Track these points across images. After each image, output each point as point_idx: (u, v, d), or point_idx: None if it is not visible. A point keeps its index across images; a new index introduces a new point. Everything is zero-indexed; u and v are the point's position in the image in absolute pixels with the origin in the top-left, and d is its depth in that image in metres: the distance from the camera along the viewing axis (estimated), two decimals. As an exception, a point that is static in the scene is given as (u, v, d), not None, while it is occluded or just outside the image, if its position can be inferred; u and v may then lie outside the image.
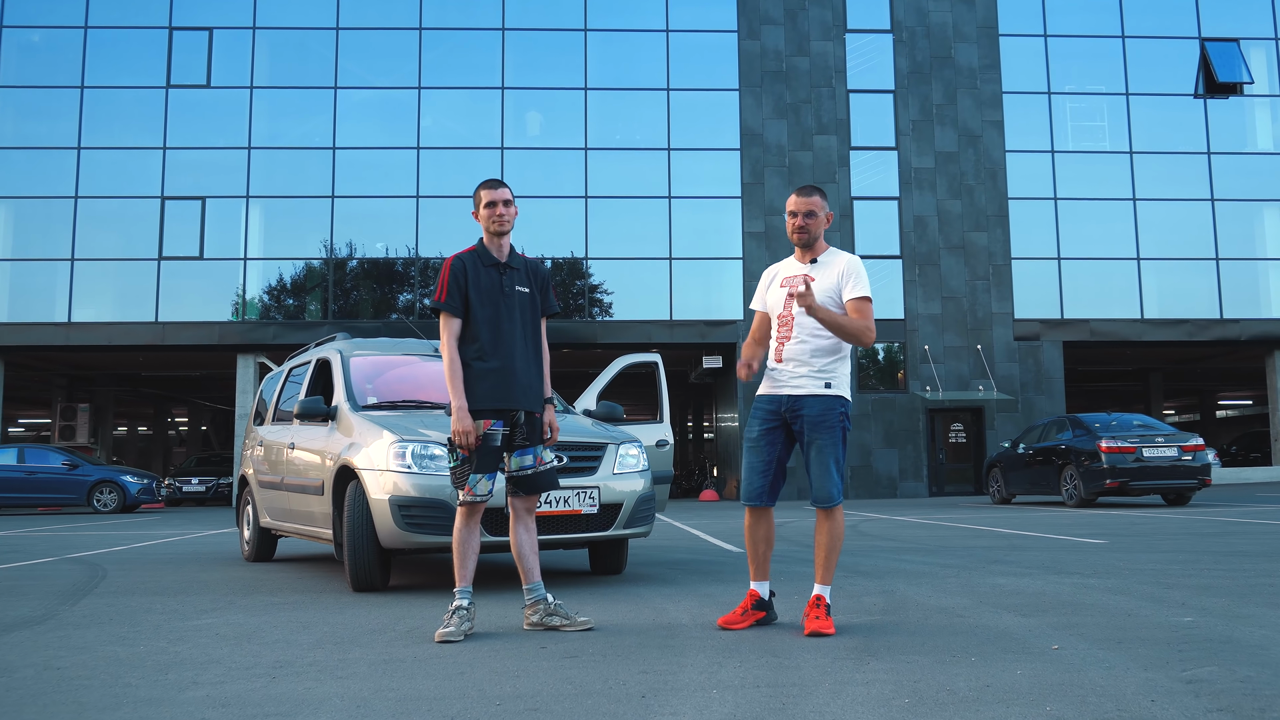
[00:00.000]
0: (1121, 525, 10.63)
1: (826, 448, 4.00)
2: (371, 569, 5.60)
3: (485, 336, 4.20)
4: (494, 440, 4.18)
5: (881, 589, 5.38)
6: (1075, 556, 7.02)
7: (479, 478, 4.15)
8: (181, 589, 6.01)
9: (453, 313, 4.22)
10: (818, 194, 4.19)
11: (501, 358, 4.19)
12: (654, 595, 5.34)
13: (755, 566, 4.23)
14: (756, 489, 4.17)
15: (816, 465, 4.03)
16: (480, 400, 4.16)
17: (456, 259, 4.30)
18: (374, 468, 5.53)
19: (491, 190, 4.31)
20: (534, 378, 4.28)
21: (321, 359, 7.14)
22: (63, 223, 24.20)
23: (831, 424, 4.01)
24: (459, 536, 4.19)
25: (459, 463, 4.18)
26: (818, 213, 4.16)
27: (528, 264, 4.42)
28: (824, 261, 4.18)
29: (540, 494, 4.36)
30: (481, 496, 4.17)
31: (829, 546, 4.04)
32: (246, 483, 8.24)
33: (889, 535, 9.84)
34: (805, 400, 4.06)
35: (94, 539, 11.39)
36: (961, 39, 25.53)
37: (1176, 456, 15.03)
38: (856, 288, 4.08)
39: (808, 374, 4.06)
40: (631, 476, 5.92)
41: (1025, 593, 5.08)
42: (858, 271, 4.10)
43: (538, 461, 4.29)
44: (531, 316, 4.32)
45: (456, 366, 4.18)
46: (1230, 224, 25.54)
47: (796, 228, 4.16)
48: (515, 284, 4.30)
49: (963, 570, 6.23)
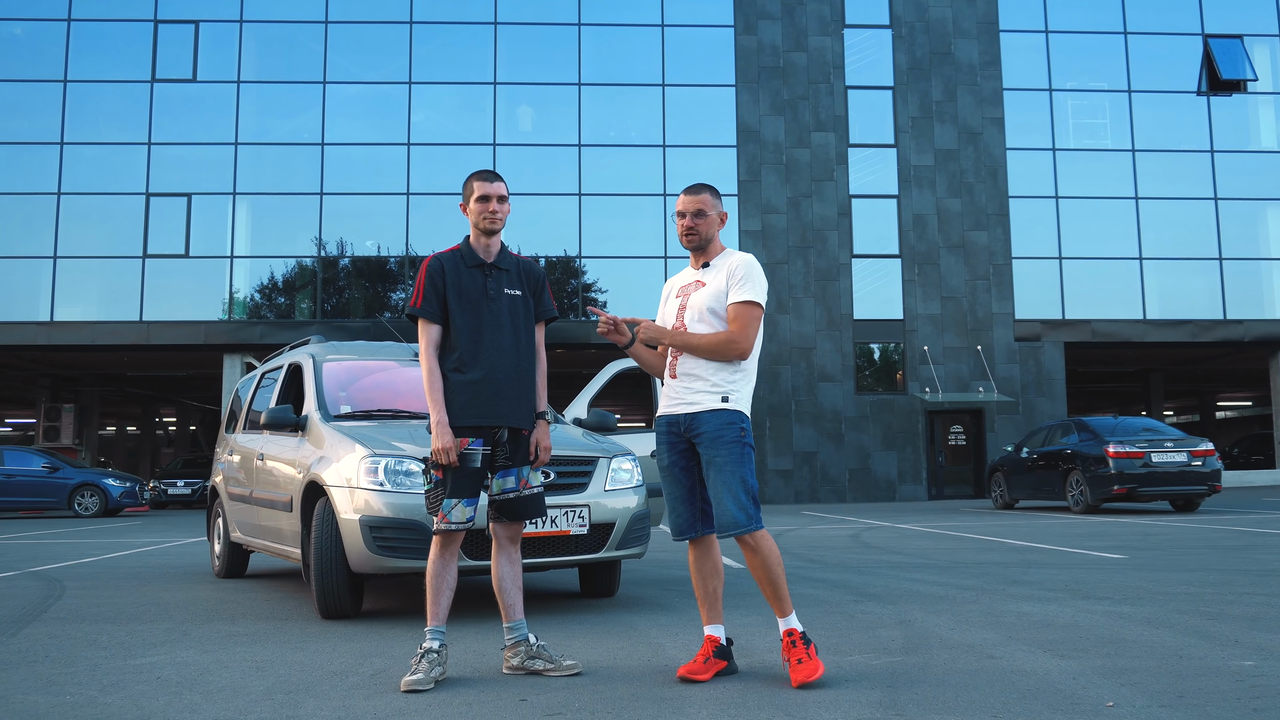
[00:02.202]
0: (1135, 535, 10.20)
1: (726, 465, 3.53)
2: (340, 595, 5.14)
3: (465, 345, 3.75)
4: (473, 461, 3.71)
5: (897, 618, 4.93)
6: (1098, 576, 6.58)
7: (455, 503, 3.69)
8: (136, 614, 5.55)
9: (430, 319, 3.78)
10: (707, 191, 3.76)
11: (484, 368, 3.73)
12: (648, 626, 4.88)
13: (706, 607, 3.72)
14: (684, 521, 3.70)
15: (716, 486, 3.55)
16: (457, 415, 3.70)
17: (434, 259, 3.84)
18: (344, 484, 5.07)
19: (486, 183, 3.86)
20: (523, 390, 3.82)
21: (294, 364, 6.67)
22: (45, 220, 23.68)
23: (730, 439, 3.55)
24: (433, 569, 3.73)
25: (433, 485, 3.73)
26: (708, 212, 3.74)
27: (520, 265, 3.96)
28: (715, 264, 3.75)
29: (525, 521, 3.89)
30: (458, 525, 3.70)
31: (767, 578, 3.54)
32: (217, 494, 7.78)
33: (894, 547, 9.40)
34: (701, 417, 3.61)
35: (65, 549, 10.90)
36: (961, 34, 25.11)
37: (1186, 462, 14.62)
38: (740, 290, 3.64)
39: (704, 389, 3.62)
40: (625, 493, 5.47)
41: (1056, 624, 4.64)
42: (747, 272, 3.66)
43: (522, 485, 3.82)
44: (523, 322, 3.87)
45: (435, 377, 3.74)
46: (1234, 223, 25.17)
47: (685, 230, 3.74)
48: (503, 286, 3.85)
49: (982, 594, 5.78)
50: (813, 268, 23.96)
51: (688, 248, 3.78)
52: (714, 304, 3.66)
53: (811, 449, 23.39)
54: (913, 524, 13.24)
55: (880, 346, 24.40)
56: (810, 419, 23.49)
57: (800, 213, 24.17)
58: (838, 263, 24.03)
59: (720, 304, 3.65)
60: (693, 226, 3.73)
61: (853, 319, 23.95)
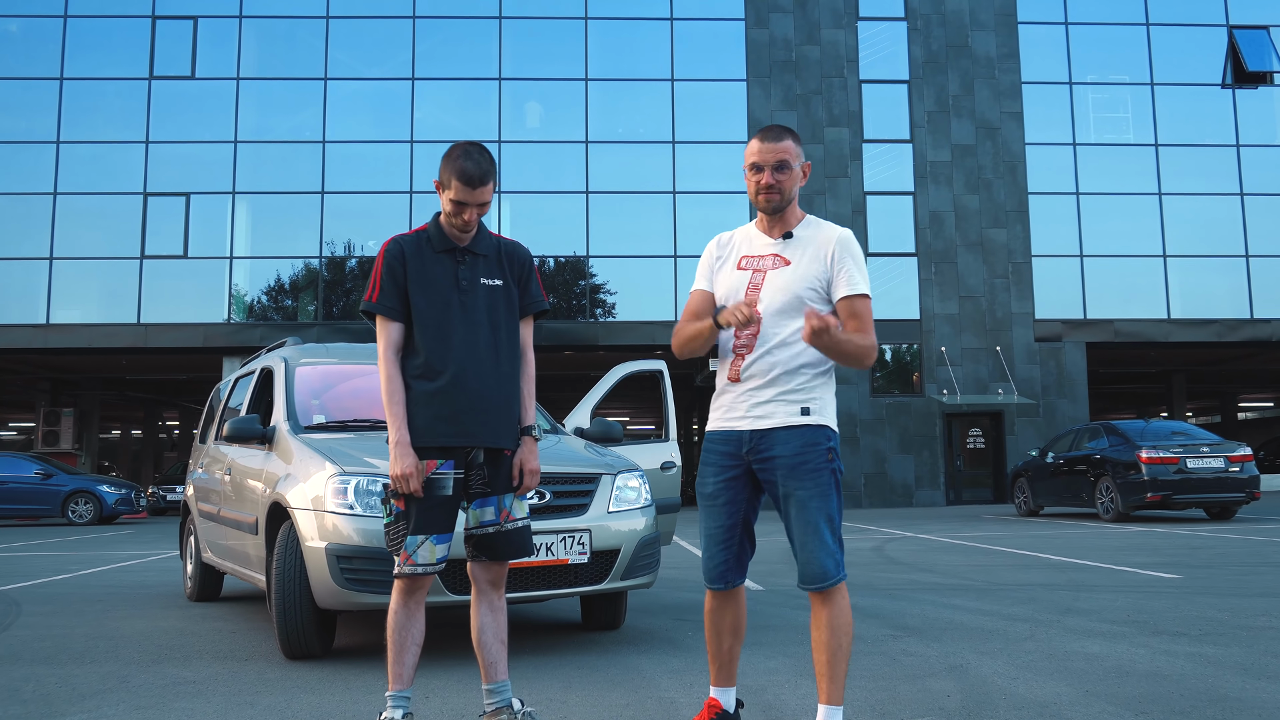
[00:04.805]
0: (1179, 550, 9.51)
1: (812, 501, 2.81)
2: (305, 634, 4.50)
3: (431, 346, 3.07)
4: (441, 488, 3.04)
5: (947, 661, 4.27)
6: (1160, 603, 5.90)
7: (421, 540, 3.03)
8: (82, 650, 4.92)
9: (389, 315, 3.10)
10: (789, 137, 2.93)
11: (453, 374, 3.05)
12: (657, 672, 4.23)
13: (717, 667, 3.03)
14: (718, 566, 2.94)
15: (800, 527, 2.82)
16: (422, 433, 3.04)
17: (394, 242, 3.15)
18: (310, 506, 4.43)
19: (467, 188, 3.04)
20: (502, 401, 3.12)
21: (265, 368, 6.04)
22: (41, 220, 23.16)
23: (816, 466, 2.82)
24: (394, 621, 3.06)
25: (394, 518, 3.07)
26: (791, 164, 2.91)
27: (503, 248, 3.25)
28: (802, 236, 2.95)
29: (509, 561, 3.18)
30: (424, 567, 3.04)
31: (832, 648, 2.80)
32: (189, 510, 7.16)
33: (924, 563, 8.73)
34: (776, 436, 2.85)
35: (42, 563, 10.30)
36: (979, 27, 24.41)
37: (1223, 467, 13.91)
38: (854, 281, 2.88)
39: (777, 397, 2.86)
40: (631, 514, 4.81)
41: (1136, 672, 3.97)
42: (854, 256, 2.90)
43: (503, 516, 3.13)
44: (504, 318, 3.17)
45: (395, 386, 3.06)
46: (1261, 219, 24.39)
47: (764, 186, 2.91)
48: (479, 275, 3.15)
49: (1036, 627, 5.11)
50: (827, 267, 23.25)
51: (765, 210, 2.96)
52: (807, 291, 2.88)
53: (826, 453, 22.67)
54: (936, 534, 12.55)
55: (896, 347, 23.71)
56: (825, 422, 22.77)
57: (814, 210, 23.45)
58: (852, 261, 23.31)
59: (817, 292, 2.88)
60: (774, 183, 2.90)
61: (868, 319, 23.21)
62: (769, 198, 2.92)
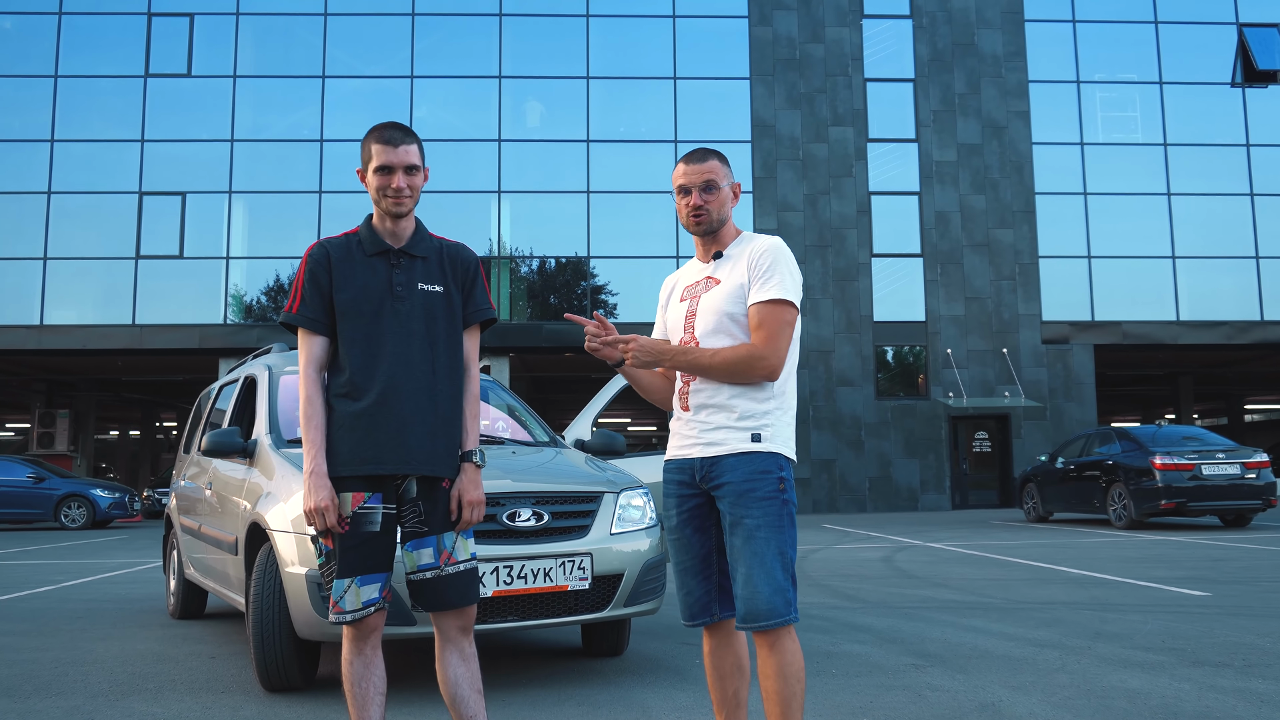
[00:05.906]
0: (1200, 562, 9.19)
1: (760, 531, 2.58)
2: (285, 664, 4.18)
3: (357, 361, 2.72)
4: (368, 524, 2.67)
5: (976, 698, 3.96)
6: (1193, 626, 5.59)
7: (347, 584, 2.66)
8: (50, 679, 4.61)
9: (311, 328, 2.76)
10: (714, 158, 2.78)
11: (380, 393, 2.70)
12: (664, 709, 3.91)
13: (725, 715, 2.76)
14: (698, 600, 2.74)
15: (747, 558, 2.57)
16: (343, 462, 2.68)
17: (318, 246, 2.81)
18: (290, 529, 4.12)
19: (388, 147, 2.76)
20: (438, 424, 2.75)
21: (249, 377, 5.73)
22: (35, 219, 22.85)
23: (765, 494, 2.61)
24: (349, 672, 2.70)
25: (324, 558, 2.72)
26: (719, 184, 2.76)
27: (445, 251, 2.92)
28: (732, 254, 2.78)
29: (461, 609, 2.74)
30: (352, 614, 2.66)
31: (786, 697, 2.55)
32: (172, 523, 6.85)
33: (937, 576, 8.41)
34: (725, 463, 2.65)
35: (27, 573, 9.99)
36: (985, 25, 24.09)
37: (1239, 474, 13.60)
38: (764, 285, 2.67)
39: (726, 424, 2.67)
40: (635, 535, 4.50)
41: (1185, 713, 3.65)
42: (773, 261, 2.69)
43: (443, 559, 2.72)
44: (444, 329, 2.81)
45: (314, 408, 2.71)
46: (1271, 220, 24.07)
47: (691, 210, 2.76)
48: (417, 280, 2.80)
49: (1067, 654, 4.80)
50: (831, 268, 22.97)
51: (695, 233, 2.80)
52: (733, 306, 2.71)
53: (830, 456, 22.39)
54: (946, 542, 12.23)
55: (900, 349, 23.39)
56: (828, 425, 22.49)
57: (818, 210, 23.18)
58: (857, 262, 23.03)
59: (741, 305, 2.70)
60: (701, 205, 2.75)
61: (872, 321, 22.94)
62: (698, 219, 2.78)
